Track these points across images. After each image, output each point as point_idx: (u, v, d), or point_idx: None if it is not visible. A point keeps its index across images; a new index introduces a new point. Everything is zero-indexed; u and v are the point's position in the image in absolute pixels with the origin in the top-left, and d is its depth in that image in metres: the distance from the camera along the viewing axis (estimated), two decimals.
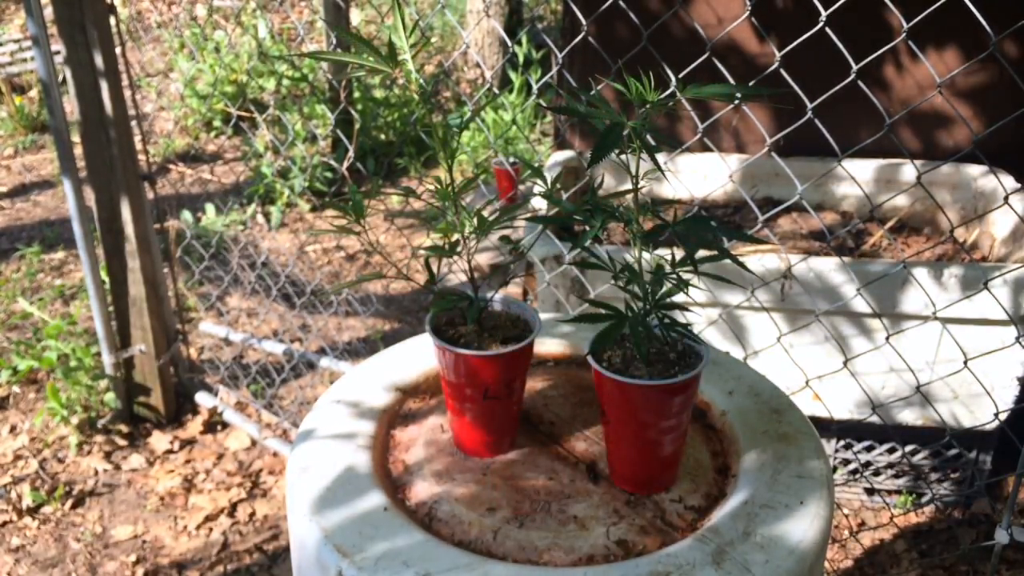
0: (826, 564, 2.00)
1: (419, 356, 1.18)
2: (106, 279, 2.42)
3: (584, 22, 1.72)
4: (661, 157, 2.33)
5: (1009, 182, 2.13)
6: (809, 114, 1.52)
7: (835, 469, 2.15)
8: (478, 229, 0.95)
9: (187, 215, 3.66)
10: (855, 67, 1.47)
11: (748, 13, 1.56)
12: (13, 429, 2.53)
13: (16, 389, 2.69)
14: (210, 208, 3.73)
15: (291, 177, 3.90)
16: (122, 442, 2.47)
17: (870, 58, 1.51)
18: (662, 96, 0.84)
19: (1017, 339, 1.51)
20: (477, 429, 0.99)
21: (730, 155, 2.52)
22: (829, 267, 1.86)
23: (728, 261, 0.87)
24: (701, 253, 0.86)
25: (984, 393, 1.90)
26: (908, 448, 2.08)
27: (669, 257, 0.91)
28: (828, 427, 2.04)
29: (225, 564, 2.06)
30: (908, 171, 2.33)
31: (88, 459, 2.39)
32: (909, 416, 2.01)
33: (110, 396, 2.52)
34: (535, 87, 1.84)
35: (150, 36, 6.07)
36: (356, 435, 1.01)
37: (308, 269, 3.50)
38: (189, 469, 2.37)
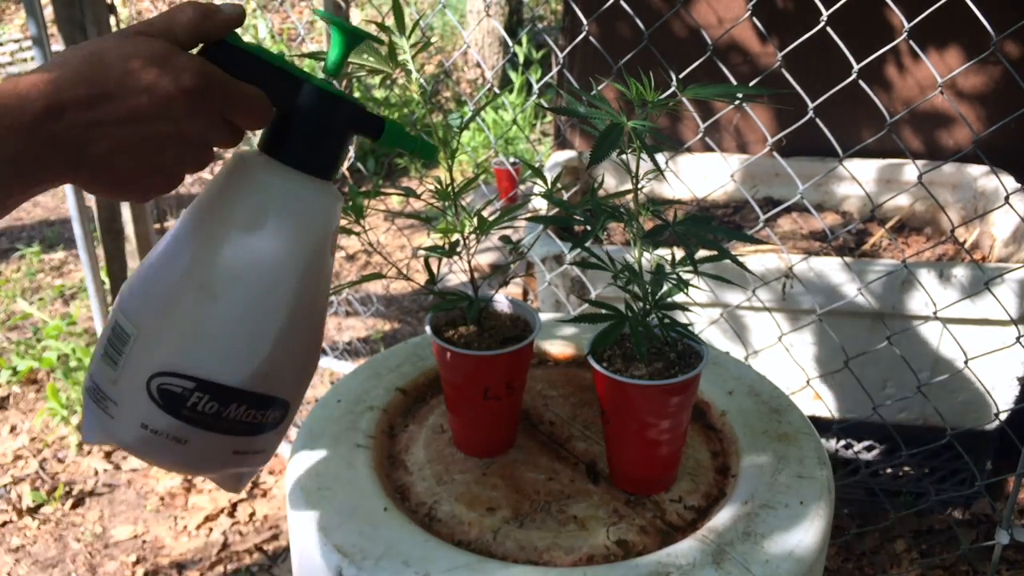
0: (826, 564, 1.99)
1: (419, 356, 1.18)
2: (106, 279, 2.42)
3: (584, 21, 1.72)
4: (662, 157, 2.33)
5: (1010, 182, 2.13)
6: (810, 114, 1.52)
7: (835, 469, 2.15)
8: (478, 229, 0.95)
9: None
10: (856, 67, 1.47)
11: (749, 13, 1.56)
12: (13, 429, 2.53)
13: (16, 389, 2.69)
14: None
15: None
16: None
17: (871, 57, 1.51)
18: (663, 96, 0.84)
19: (1018, 339, 1.51)
20: (477, 429, 0.99)
21: (731, 155, 2.52)
22: (830, 267, 1.86)
23: (729, 261, 0.87)
24: (701, 253, 0.86)
25: (984, 393, 1.90)
26: (908, 448, 2.08)
27: (669, 257, 0.91)
28: (828, 427, 2.04)
29: (225, 564, 2.06)
30: (909, 171, 2.33)
31: (88, 459, 2.39)
32: (909, 416, 2.01)
33: None
34: (535, 87, 1.84)
35: None
36: (356, 435, 1.01)
37: None
38: None
